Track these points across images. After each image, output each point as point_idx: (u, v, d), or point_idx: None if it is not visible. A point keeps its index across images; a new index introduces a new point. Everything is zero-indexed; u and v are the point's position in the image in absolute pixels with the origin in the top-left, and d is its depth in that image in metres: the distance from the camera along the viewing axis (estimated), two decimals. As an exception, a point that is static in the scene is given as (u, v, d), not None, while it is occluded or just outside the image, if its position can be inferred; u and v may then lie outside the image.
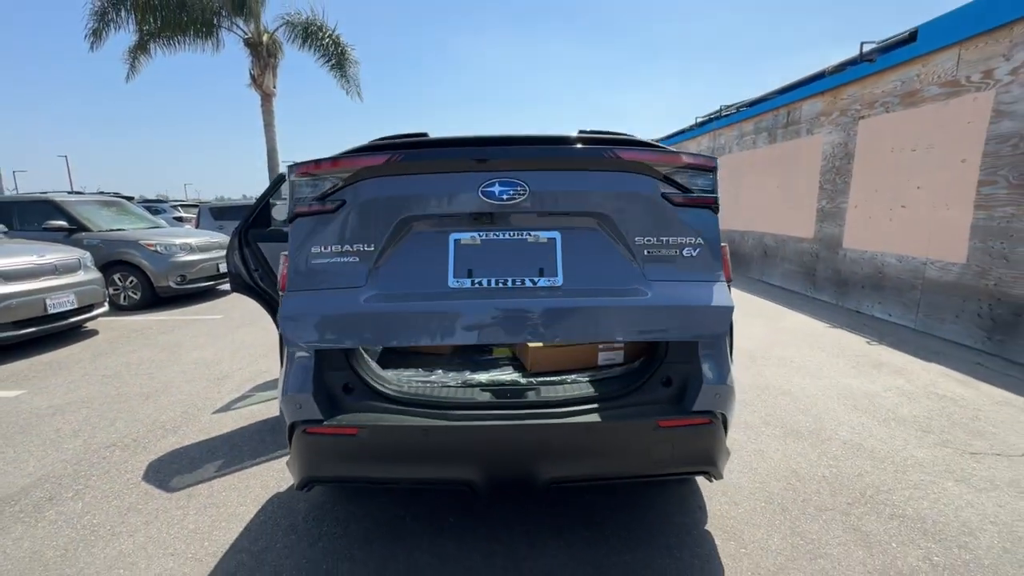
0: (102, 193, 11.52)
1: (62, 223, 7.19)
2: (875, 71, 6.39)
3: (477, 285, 1.77)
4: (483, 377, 2.19)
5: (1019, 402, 3.73)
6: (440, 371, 2.29)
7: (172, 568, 2.09)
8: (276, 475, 2.79)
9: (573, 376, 2.15)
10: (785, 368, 4.53)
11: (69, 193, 9.02)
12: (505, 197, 1.76)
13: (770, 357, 4.85)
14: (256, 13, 16.12)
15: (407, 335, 1.78)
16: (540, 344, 2.32)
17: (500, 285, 1.77)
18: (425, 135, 2.09)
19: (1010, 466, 2.83)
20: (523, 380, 2.16)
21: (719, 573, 2.03)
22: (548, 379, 2.13)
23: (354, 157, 1.82)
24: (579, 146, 1.84)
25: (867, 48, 6.38)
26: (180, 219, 15.35)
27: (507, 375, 2.25)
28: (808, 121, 8.02)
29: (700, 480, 2.66)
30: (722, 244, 1.93)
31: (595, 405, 1.86)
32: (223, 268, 8.23)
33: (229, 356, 5.02)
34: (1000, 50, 4.82)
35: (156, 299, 7.40)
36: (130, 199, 12.50)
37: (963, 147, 5.20)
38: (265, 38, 16.75)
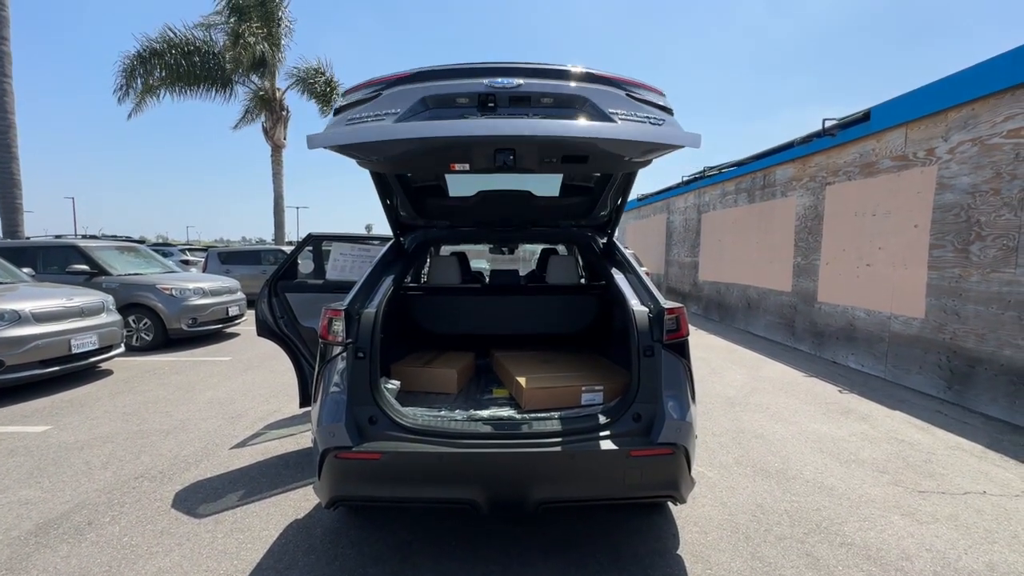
0: (115, 237, 12.05)
1: (84, 267, 7.62)
2: (837, 144, 7.13)
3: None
4: (484, 413, 2.57)
5: (970, 447, 4.09)
6: (448, 408, 2.67)
7: (207, 582, 2.38)
8: (294, 504, 3.08)
9: (560, 413, 2.53)
10: (761, 414, 4.88)
11: (83, 237, 9.54)
12: (508, 85, 2.19)
13: (748, 404, 5.21)
14: (273, 72, 17.29)
15: (423, 131, 2.06)
16: (533, 387, 2.72)
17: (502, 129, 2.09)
18: None
19: (952, 503, 3.18)
20: (518, 416, 2.54)
21: (686, 590, 2.34)
22: (539, 415, 2.51)
23: (391, 74, 2.31)
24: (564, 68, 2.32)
25: (828, 124, 7.14)
26: (187, 262, 15.83)
27: (505, 412, 2.63)
28: (782, 184, 8.73)
29: (675, 511, 2.99)
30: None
31: (579, 437, 2.23)
32: (232, 312, 8.62)
33: (241, 396, 5.32)
34: (939, 132, 5.50)
35: (167, 340, 7.73)
36: (141, 242, 13.02)
37: (915, 214, 5.81)
38: (278, 94, 17.89)
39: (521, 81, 2.22)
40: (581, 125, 2.11)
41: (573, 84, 2.26)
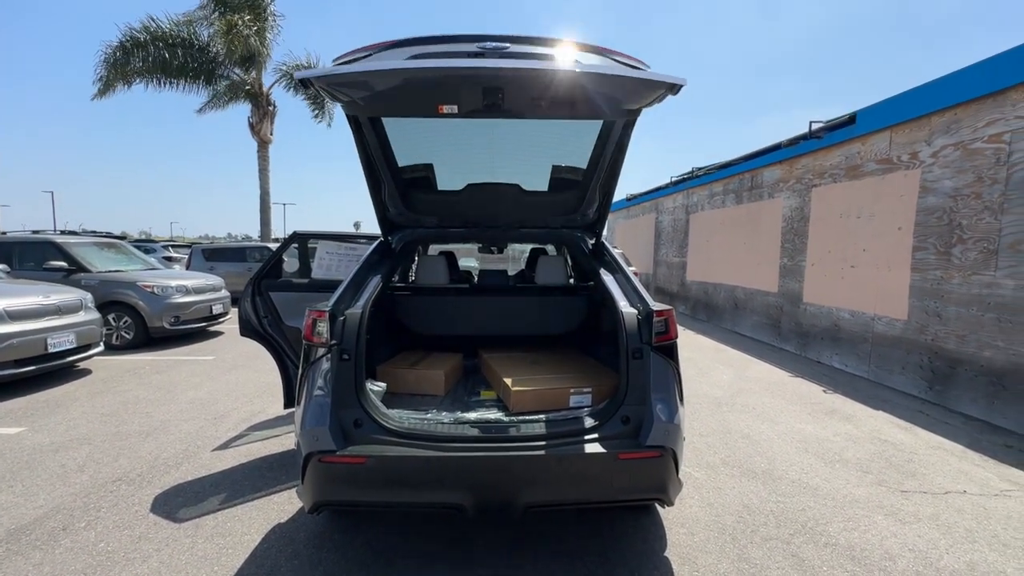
0: (95, 233, 11.78)
1: (62, 263, 7.42)
2: (823, 146, 7.21)
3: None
4: (472, 416, 2.54)
5: (950, 446, 4.16)
6: (435, 410, 2.63)
7: (186, 589, 2.32)
8: (277, 507, 3.02)
9: (548, 415, 2.51)
10: (747, 414, 4.91)
11: (62, 232, 9.31)
12: (496, 46, 2.19)
13: (735, 404, 5.24)
14: (260, 66, 17.01)
15: (413, 64, 2.11)
16: (521, 389, 2.69)
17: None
18: None
19: (933, 503, 3.22)
20: (506, 418, 2.52)
21: (674, 592, 2.34)
22: (527, 418, 2.49)
23: (385, 41, 2.32)
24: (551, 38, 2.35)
25: (815, 127, 7.21)
26: (170, 259, 15.52)
27: (492, 414, 2.60)
28: (769, 186, 8.81)
29: (662, 513, 2.99)
30: None
31: (567, 440, 2.21)
32: (216, 310, 8.47)
33: (224, 396, 5.23)
34: (922, 136, 5.58)
35: (149, 339, 7.56)
36: (122, 238, 12.76)
37: (898, 217, 5.89)
38: (265, 89, 17.61)
39: (510, 45, 2.24)
40: (569, 62, 2.15)
41: (561, 49, 2.29)
